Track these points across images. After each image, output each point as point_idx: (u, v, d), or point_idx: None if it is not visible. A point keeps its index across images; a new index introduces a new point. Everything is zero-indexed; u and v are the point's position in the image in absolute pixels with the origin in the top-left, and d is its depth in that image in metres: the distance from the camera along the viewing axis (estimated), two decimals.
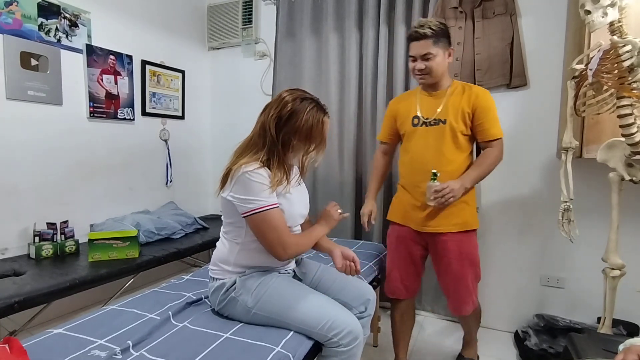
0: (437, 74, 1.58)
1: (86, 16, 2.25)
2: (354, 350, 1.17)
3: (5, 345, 0.93)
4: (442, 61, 1.56)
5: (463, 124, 1.58)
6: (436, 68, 1.55)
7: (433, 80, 1.61)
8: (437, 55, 1.54)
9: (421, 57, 1.55)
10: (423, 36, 1.51)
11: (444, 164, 1.58)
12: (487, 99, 1.59)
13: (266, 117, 1.22)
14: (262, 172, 1.17)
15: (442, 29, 1.54)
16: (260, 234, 1.18)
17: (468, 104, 1.57)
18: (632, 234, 1.94)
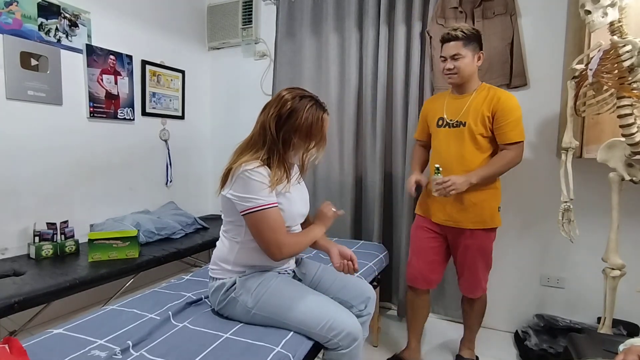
0: (464, 75, 1.66)
1: (86, 16, 2.25)
2: (355, 351, 1.18)
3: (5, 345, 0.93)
4: (471, 63, 1.65)
5: (482, 126, 1.64)
6: (464, 68, 1.64)
7: (460, 81, 1.68)
8: (465, 56, 1.63)
9: (451, 57, 1.64)
10: (454, 38, 1.61)
11: (464, 164, 1.66)
12: (509, 103, 1.62)
13: (266, 116, 1.22)
14: (262, 171, 1.17)
15: (473, 33, 1.64)
16: (257, 233, 1.18)
17: (488, 107, 1.63)
18: (632, 234, 1.94)
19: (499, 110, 1.61)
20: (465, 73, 1.65)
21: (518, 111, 1.64)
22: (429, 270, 1.81)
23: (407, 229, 2.38)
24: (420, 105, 2.35)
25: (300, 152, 1.25)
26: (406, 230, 2.37)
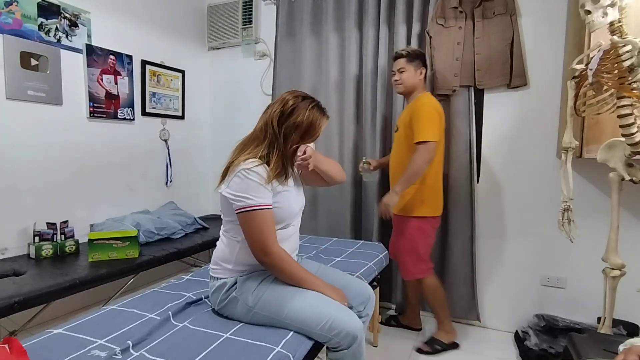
0: (407, 85, 2.01)
1: (86, 16, 2.25)
2: (358, 350, 1.18)
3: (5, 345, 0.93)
4: (413, 76, 1.99)
5: (410, 130, 1.93)
6: (406, 80, 2.00)
7: (405, 90, 2.04)
8: (408, 70, 1.98)
9: (398, 70, 2.01)
10: (401, 56, 2.00)
11: (400, 165, 1.98)
12: (422, 108, 1.90)
13: (269, 114, 1.24)
14: (259, 171, 1.17)
15: (417, 53, 2.00)
16: (246, 232, 1.19)
17: (409, 113, 1.95)
18: (632, 234, 1.94)
19: (413, 114, 1.91)
20: (407, 84, 2.00)
21: (427, 114, 1.88)
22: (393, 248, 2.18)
23: None
24: None
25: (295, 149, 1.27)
26: None
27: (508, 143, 2.24)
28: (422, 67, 2.00)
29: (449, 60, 2.23)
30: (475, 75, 2.20)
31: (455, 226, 2.30)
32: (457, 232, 2.29)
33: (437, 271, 2.38)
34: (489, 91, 2.25)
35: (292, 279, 1.22)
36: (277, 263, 1.20)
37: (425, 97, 1.96)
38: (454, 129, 2.28)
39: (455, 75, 2.22)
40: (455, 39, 2.21)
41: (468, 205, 2.26)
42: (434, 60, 2.27)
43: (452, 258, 2.32)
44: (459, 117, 2.26)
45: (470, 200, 2.26)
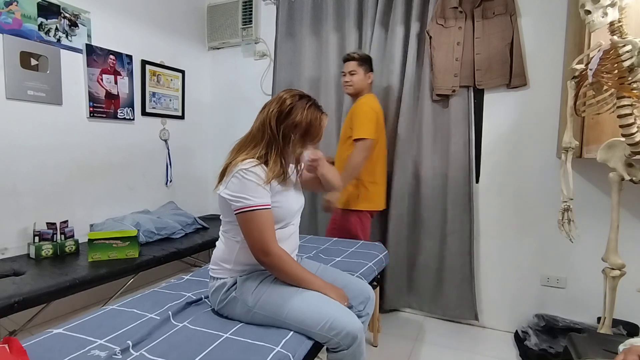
0: (357, 87, 2.11)
1: (86, 16, 2.25)
2: (358, 350, 1.18)
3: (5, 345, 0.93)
4: (362, 78, 2.11)
5: (349, 129, 2.04)
6: (356, 82, 2.10)
7: (354, 91, 2.13)
8: (358, 73, 2.09)
9: (349, 72, 2.10)
10: (352, 59, 2.09)
11: (342, 162, 2.07)
12: (361, 107, 2.03)
13: (266, 114, 1.24)
14: (257, 171, 1.17)
15: (365, 58, 2.12)
16: (245, 233, 1.19)
17: (350, 113, 2.08)
18: (632, 234, 1.94)
19: (353, 113, 2.05)
20: (357, 86, 2.11)
21: (365, 113, 2.00)
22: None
23: (407, 229, 2.38)
24: (419, 105, 2.36)
25: (297, 148, 1.27)
26: (406, 230, 2.37)
27: (508, 143, 2.24)
28: (370, 71, 2.12)
29: (448, 60, 2.23)
30: (475, 75, 2.20)
31: (455, 226, 2.30)
32: (457, 232, 2.30)
33: (437, 271, 2.39)
34: (489, 91, 2.25)
35: (292, 279, 1.22)
36: (277, 263, 1.20)
37: (365, 98, 2.08)
38: (453, 129, 2.28)
39: (455, 75, 2.22)
40: (455, 39, 2.21)
41: (467, 205, 2.26)
42: (434, 60, 2.27)
43: (451, 258, 2.32)
44: (459, 117, 2.26)
45: (469, 200, 2.26)
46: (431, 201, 2.36)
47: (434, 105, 2.34)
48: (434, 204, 2.36)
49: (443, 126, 2.33)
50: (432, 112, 2.34)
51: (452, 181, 2.29)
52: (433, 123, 2.35)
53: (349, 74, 2.10)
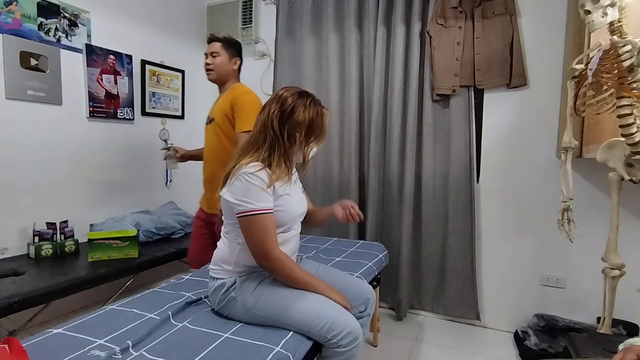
0: (219, 72, 1.88)
1: (86, 16, 2.25)
2: (354, 351, 1.17)
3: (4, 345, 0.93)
4: (226, 63, 1.88)
5: (227, 120, 1.82)
6: (218, 66, 1.87)
7: (216, 77, 1.90)
8: (222, 56, 1.86)
9: (210, 54, 1.87)
10: (216, 39, 1.88)
11: (218, 158, 1.86)
12: (247, 97, 1.82)
13: (267, 115, 1.23)
14: (261, 175, 1.17)
15: (234, 42, 1.92)
16: (247, 236, 1.18)
17: (229, 103, 1.82)
18: (632, 234, 1.94)
19: (236, 103, 1.80)
20: (220, 70, 1.87)
21: (253, 104, 1.79)
22: (202, 254, 1.92)
23: (408, 229, 2.38)
24: (420, 105, 2.36)
25: (302, 146, 1.26)
26: (406, 230, 2.38)
27: (508, 143, 2.24)
28: (236, 57, 1.92)
29: (449, 60, 2.23)
30: (475, 75, 2.20)
31: (455, 226, 2.30)
32: (457, 232, 2.30)
33: (439, 270, 2.39)
34: (489, 91, 2.25)
35: (294, 282, 1.22)
36: (279, 267, 1.20)
37: (245, 87, 1.90)
38: (454, 129, 2.28)
39: (455, 75, 2.22)
40: (455, 39, 2.21)
41: (468, 204, 2.26)
42: (434, 60, 2.27)
43: (451, 258, 2.32)
44: (459, 117, 2.27)
45: (470, 199, 2.26)
46: (432, 201, 2.37)
47: (435, 105, 2.34)
48: (435, 203, 2.36)
49: (443, 126, 2.33)
50: (432, 112, 2.34)
51: (453, 181, 2.29)
52: (433, 123, 2.35)
53: (210, 56, 1.87)
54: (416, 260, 2.45)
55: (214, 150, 1.89)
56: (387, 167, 2.45)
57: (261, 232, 1.16)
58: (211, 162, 1.92)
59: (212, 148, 1.92)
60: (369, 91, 2.49)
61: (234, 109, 1.80)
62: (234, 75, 1.93)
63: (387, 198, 2.47)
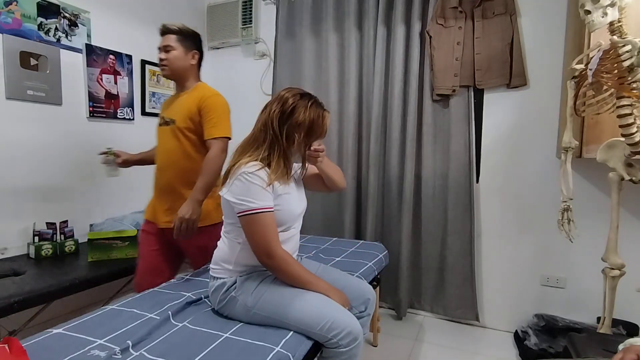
0: (174, 67, 1.67)
1: (86, 16, 2.24)
2: (354, 351, 1.17)
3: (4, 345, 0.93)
4: (182, 57, 1.67)
5: (191, 123, 1.63)
6: (173, 61, 1.66)
7: (171, 73, 1.69)
8: (176, 49, 1.66)
9: (164, 48, 1.67)
10: (169, 31, 1.67)
11: (174, 165, 1.67)
12: (217, 100, 1.65)
13: (268, 114, 1.24)
14: (261, 174, 1.17)
15: (190, 33, 1.71)
16: (249, 235, 1.19)
17: (196, 104, 1.63)
18: (632, 234, 1.94)
19: (204, 105, 1.62)
20: (174, 66, 1.67)
21: (221, 108, 1.64)
22: (152, 276, 1.68)
23: (408, 229, 2.38)
24: (420, 105, 2.36)
25: (301, 147, 1.27)
26: (406, 230, 2.38)
27: (508, 143, 2.24)
28: (194, 50, 1.71)
29: (448, 60, 2.23)
30: (475, 75, 2.20)
31: (455, 226, 2.30)
32: (457, 232, 2.30)
33: (438, 270, 2.39)
34: (489, 91, 2.25)
35: (295, 281, 1.22)
36: (281, 265, 1.20)
37: (210, 88, 1.71)
38: (454, 129, 2.28)
39: (455, 75, 2.22)
40: (455, 39, 2.21)
41: (467, 205, 2.26)
42: (434, 60, 2.27)
43: (451, 258, 2.32)
44: (459, 117, 2.27)
45: (470, 200, 2.26)
46: (432, 201, 2.37)
47: (435, 105, 2.34)
48: (434, 203, 2.36)
49: (443, 126, 2.33)
50: (432, 112, 2.34)
51: (452, 181, 2.29)
52: (433, 123, 2.35)
53: (164, 51, 1.66)
54: (416, 260, 2.45)
55: (172, 156, 1.67)
56: (387, 167, 2.45)
57: (263, 231, 1.16)
58: (168, 168, 1.68)
59: (169, 153, 1.68)
60: (368, 91, 2.49)
61: (202, 112, 1.62)
62: (193, 72, 1.73)
63: (386, 198, 2.47)
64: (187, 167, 1.64)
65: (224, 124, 1.63)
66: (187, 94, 1.69)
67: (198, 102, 1.62)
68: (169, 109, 1.72)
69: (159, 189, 1.73)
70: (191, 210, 1.53)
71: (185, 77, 1.71)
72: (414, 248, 2.44)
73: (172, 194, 1.66)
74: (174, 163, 1.67)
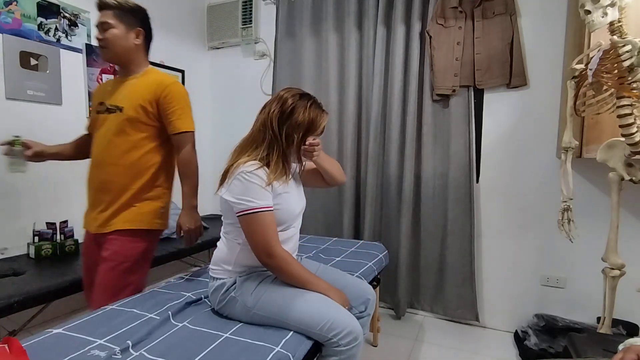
0: (114, 49, 1.45)
1: (85, 15, 2.24)
2: (354, 350, 1.17)
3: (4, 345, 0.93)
4: (122, 36, 1.44)
5: (143, 112, 1.44)
6: (113, 41, 1.44)
7: (111, 55, 1.48)
8: (116, 27, 1.43)
9: (100, 26, 1.44)
10: (106, 6, 1.44)
11: (115, 157, 1.46)
12: (178, 88, 1.51)
13: (267, 114, 1.24)
14: (259, 173, 1.17)
15: (132, 7, 1.48)
16: (248, 235, 1.18)
17: (151, 92, 1.45)
18: (632, 233, 1.94)
19: (164, 96, 1.44)
20: (114, 47, 1.44)
21: (185, 99, 1.51)
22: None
23: (407, 229, 2.38)
24: (420, 105, 2.36)
25: (298, 148, 1.27)
26: (406, 230, 2.38)
27: (508, 143, 2.24)
28: (138, 27, 1.48)
29: (448, 60, 2.23)
30: (475, 75, 2.20)
31: (455, 226, 2.30)
32: (457, 232, 2.30)
33: (438, 271, 2.39)
34: (489, 91, 2.25)
35: (296, 280, 1.22)
36: (281, 265, 1.20)
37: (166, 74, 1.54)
38: (454, 129, 2.28)
39: (455, 75, 2.22)
40: (455, 39, 2.21)
41: (467, 205, 2.26)
42: (434, 60, 2.27)
43: (451, 258, 2.32)
44: (459, 117, 2.27)
45: (470, 200, 2.26)
46: (432, 201, 2.37)
47: (434, 105, 2.34)
48: (434, 203, 2.36)
49: (443, 126, 2.33)
50: (432, 111, 2.34)
51: (452, 181, 2.29)
52: (433, 123, 2.35)
53: (101, 29, 1.43)
54: (416, 260, 2.45)
55: (115, 149, 1.45)
56: (387, 167, 2.45)
57: (263, 230, 1.16)
58: (106, 165, 1.47)
59: (108, 146, 1.46)
60: (368, 91, 2.49)
61: (161, 102, 1.44)
62: (138, 53, 1.50)
63: (386, 198, 2.47)
64: (133, 162, 1.46)
65: (189, 117, 1.52)
66: (136, 79, 1.49)
67: (155, 90, 1.44)
68: (113, 95, 1.49)
69: (94, 188, 1.51)
70: (192, 220, 1.51)
71: (130, 59, 1.49)
72: (414, 248, 2.44)
73: (110, 192, 1.45)
74: (117, 157, 1.45)
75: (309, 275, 1.24)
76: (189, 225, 1.50)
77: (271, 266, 1.20)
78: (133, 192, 1.47)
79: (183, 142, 1.51)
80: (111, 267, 1.42)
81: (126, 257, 1.44)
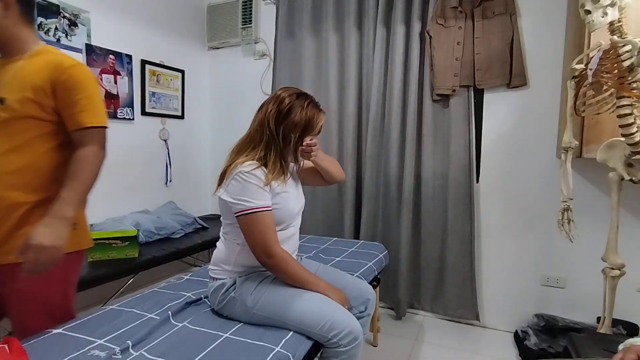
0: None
1: (85, 15, 2.24)
2: (354, 351, 1.17)
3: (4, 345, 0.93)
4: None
5: (34, 104, 1.11)
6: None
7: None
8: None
9: None
10: None
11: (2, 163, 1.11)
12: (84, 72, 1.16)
13: (264, 114, 1.24)
14: (257, 173, 1.17)
15: None
16: (247, 235, 1.18)
17: (46, 77, 1.11)
18: (632, 233, 1.94)
19: (62, 81, 1.11)
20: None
21: (92, 85, 1.16)
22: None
23: (407, 229, 2.38)
24: (419, 105, 2.36)
25: (295, 147, 1.27)
26: (406, 230, 2.38)
27: (508, 143, 2.24)
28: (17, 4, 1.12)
29: (448, 60, 2.23)
30: (475, 75, 2.20)
31: (455, 226, 2.30)
32: (457, 232, 2.30)
33: (438, 270, 2.39)
34: (489, 91, 2.25)
35: (295, 280, 1.22)
36: (281, 265, 1.20)
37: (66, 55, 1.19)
38: (454, 129, 2.28)
39: (455, 75, 2.22)
40: (455, 39, 2.21)
41: (467, 205, 2.26)
42: (434, 60, 2.27)
43: (451, 258, 2.32)
44: (459, 117, 2.26)
45: (470, 200, 2.26)
46: (432, 201, 2.37)
47: (434, 105, 2.34)
48: (434, 204, 2.36)
49: (443, 126, 2.33)
50: (432, 112, 2.34)
51: (452, 181, 2.29)
52: (433, 123, 2.35)
53: None
54: (416, 260, 2.45)
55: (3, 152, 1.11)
56: (387, 167, 2.45)
57: (261, 230, 1.16)
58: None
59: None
60: (368, 91, 2.49)
61: (59, 88, 1.12)
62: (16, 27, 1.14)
63: (386, 198, 2.47)
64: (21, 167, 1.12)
65: (98, 108, 1.17)
66: (23, 60, 1.14)
67: (50, 74, 1.11)
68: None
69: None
70: (54, 234, 1.03)
71: (5, 37, 1.13)
72: (414, 248, 2.44)
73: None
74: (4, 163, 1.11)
75: (308, 275, 1.24)
76: (42, 240, 1.00)
77: (270, 266, 1.20)
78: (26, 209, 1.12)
79: (88, 141, 1.16)
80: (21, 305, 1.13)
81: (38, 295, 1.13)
